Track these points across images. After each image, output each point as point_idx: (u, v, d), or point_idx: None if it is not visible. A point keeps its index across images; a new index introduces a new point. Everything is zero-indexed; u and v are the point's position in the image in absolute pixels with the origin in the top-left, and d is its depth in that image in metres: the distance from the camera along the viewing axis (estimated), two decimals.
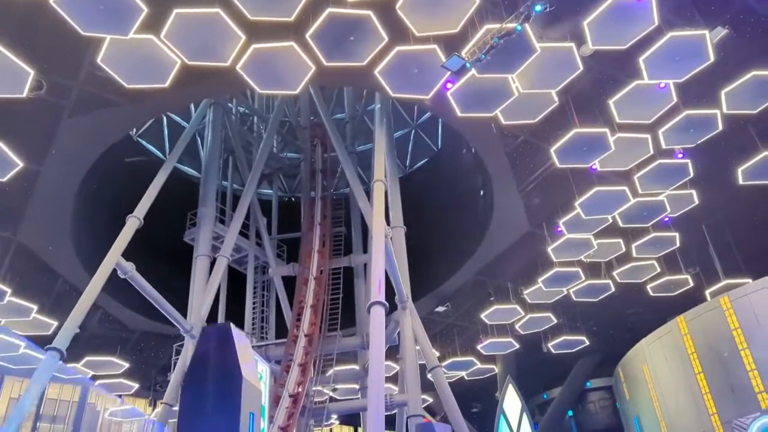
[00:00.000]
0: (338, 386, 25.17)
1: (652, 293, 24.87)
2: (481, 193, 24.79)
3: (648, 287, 24.60)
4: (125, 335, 27.66)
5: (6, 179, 15.61)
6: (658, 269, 23.65)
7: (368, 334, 16.26)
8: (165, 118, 28.60)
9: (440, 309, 28.67)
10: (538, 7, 12.06)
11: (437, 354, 21.75)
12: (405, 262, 20.20)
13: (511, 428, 31.29)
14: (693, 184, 19.47)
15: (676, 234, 21.62)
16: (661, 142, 17.14)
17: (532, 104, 15.82)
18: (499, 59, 13.29)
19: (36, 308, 20.59)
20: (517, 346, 28.73)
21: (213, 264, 20.72)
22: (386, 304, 14.13)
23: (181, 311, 19.17)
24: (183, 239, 22.62)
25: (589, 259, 23.04)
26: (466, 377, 31.65)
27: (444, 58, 13.10)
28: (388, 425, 21.19)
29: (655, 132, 17.00)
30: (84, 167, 18.94)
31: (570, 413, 36.94)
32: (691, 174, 18.37)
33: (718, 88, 15.93)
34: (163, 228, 22.63)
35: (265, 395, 17.72)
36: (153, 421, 21.55)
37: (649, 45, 14.08)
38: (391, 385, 24.37)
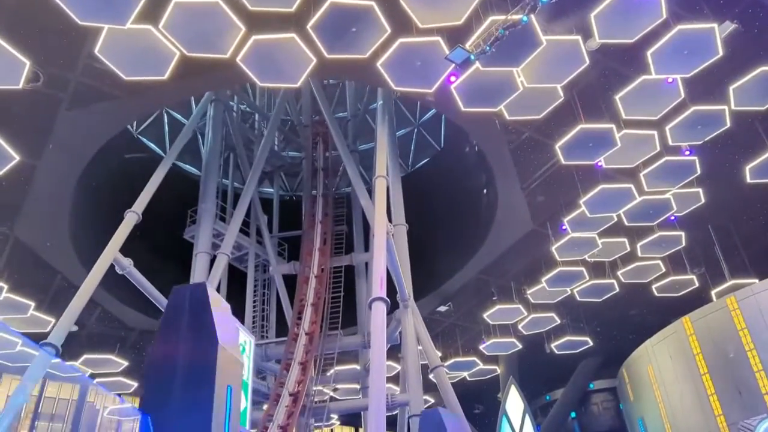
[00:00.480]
0: (339, 386, 24.93)
1: (657, 293, 24.67)
2: (484, 191, 24.55)
3: (653, 287, 24.40)
4: (124, 333, 27.42)
5: (2, 173, 15.37)
6: (663, 269, 23.45)
7: (369, 332, 15.99)
8: (166, 115, 28.45)
9: (442, 309, 28.42)
10: None
11: (439, 354, 21.49)
12: (407, 260, 19.95)
13: (513, 430, 31.03)
14: (699, 183, 19.24)
15: (682, 233, 21.40)
16: (668, 139, 16.92)
17: (537, 99, 15.61)
18: (504, 52, 13.06)
19: (33, 305, 20.38)
20: (520, 347, 28.50)
21: (213, 261, 20.54)
22: (387, 300, 13.90)
23: None
24: (183, 237, 22.41)
25: (593, 259, 22.83)
26: (468, 378, 31.41)
27: (448, 51, 12.84)
28: (390, 426, 20.95)
29: (662, 128, 16.79)
30: (82, 162, 18.70)
31: (573, 415, 36.63)
32: (698, 171, 18.15)
33: (727, 83, 15.74)
34: (163, 226, 22.45)
35: (249, 369, 16.93)
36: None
37: (657, 39, 13.87)
38: (393, 386, 24.12)
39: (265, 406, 19.04)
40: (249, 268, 25.00)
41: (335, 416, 26.23)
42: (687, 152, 17.77)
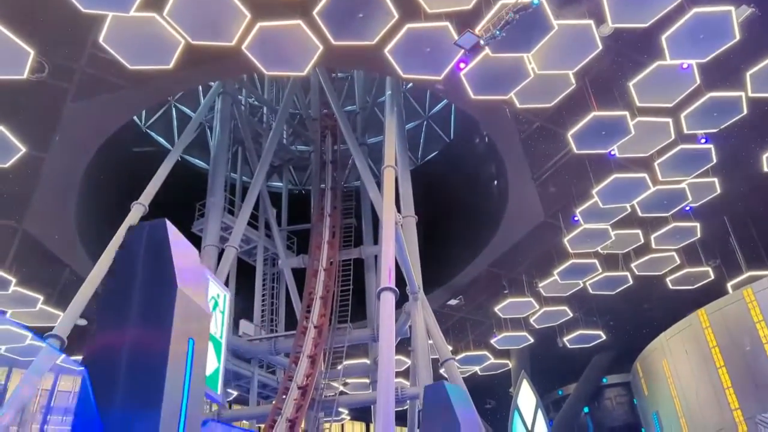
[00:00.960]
0: (349, 380, 24.76)
1: (671, 286, 24.27)
2: (495, 183, 24.25)
3: (667, 280, 24.00)
4: None
5: (9, 165, 15.28)
6: (678, 261, 23.04)
7: (379, 324, 15.74)
8: (174, 109, 28.36)
9: (453, 302, 28.14)
10: None
11: (450, 349, 21.24)
12: (416, 252, 19.73)
13: (525, 425, 30.77)
14: (715, 172, 18.85)
15: (697, 224, 20.99)
16: (683, 127, 16.55)
17: (549, 86, 15.32)
18: (515, 37, 12.81)
19: (42, 298, 20.31)
20: (532, 341, 28.17)
21: (221, 255, 20.43)
22: (396, 290, 13.68)
23: None
24: (191, 230, 22.29)
25: (606, 251, 22.46)
26: (479, 372, 31.13)
27: (457, 36, 12.58)
28: (400, 421, 20.75)
29: (676, 116, 16.43)
30: (89, 154, 18.57)
31: (586, 410, 36.28)
32: (714, 160, 17.76)
33: (743, 69, 15.37)
34: (172, 220, 22.26)
35: (221, 325, 15.68)
36: None
37: (672, 23, 13.54)
38: (403, 380, 23.92)
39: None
40: (258, 262, 24.86)
41: (345, 411, 26.14)
42: (702, 140, 17.39)
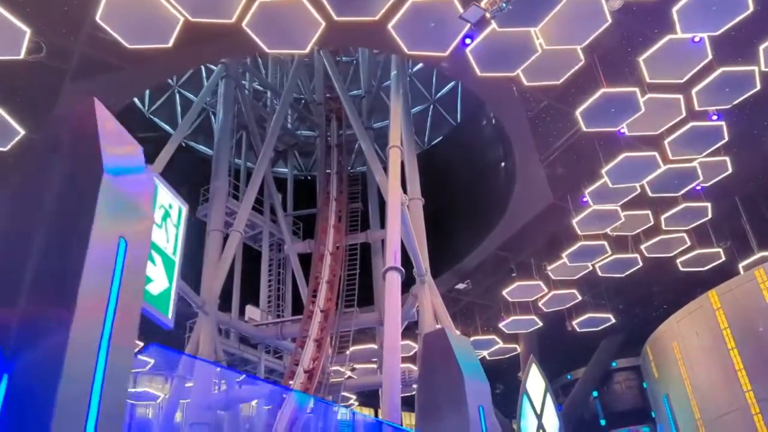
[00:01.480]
0: (356, 366, 24.63)
1: (681, 268, 23.90)
2: (502, 164, 23.93)
3: (677, 261, 23.62)
4: None
5: (8, 148, 15.06)
6: (689, 242, 22.63)
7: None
8: (178, 95, 28.13)
9: (460, 286, 27.89)
10: None
11: (458, 333, 21.04)
12: (423, 235, 19.49)
13: (534, 409, 30.55)
14: (727, 151, 18.42)
15: (708, 204, 20.60)
16: (695, 103, 16.15)
17: (557, 62, 14.90)
18: (522, 10, 12.49)
19: None
20: (540, 324, 27.89)
21: (226, 240, 20.26)
22: (402, 269, 13.47)
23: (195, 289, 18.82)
24: (196, 216, 22.12)
25: (615, 233, 22.08)
26: (487, 357, 30.92)
27: (462, 9, 12.26)
28: (409, 407, 20.60)
29: (687, 92, 16.01)
30: None
31: (595, 394, 36.11)
32: (726, 138, 17.33)
33: (757, 43, 14.92)
34: None
35: (177, 241, 13.05)
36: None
37: None
38: (411, 365, 23.77)
39: None
40: (263, 247, 24.77)
41: (353, 397, 26.04)
42: (714, 117, 16.97)
